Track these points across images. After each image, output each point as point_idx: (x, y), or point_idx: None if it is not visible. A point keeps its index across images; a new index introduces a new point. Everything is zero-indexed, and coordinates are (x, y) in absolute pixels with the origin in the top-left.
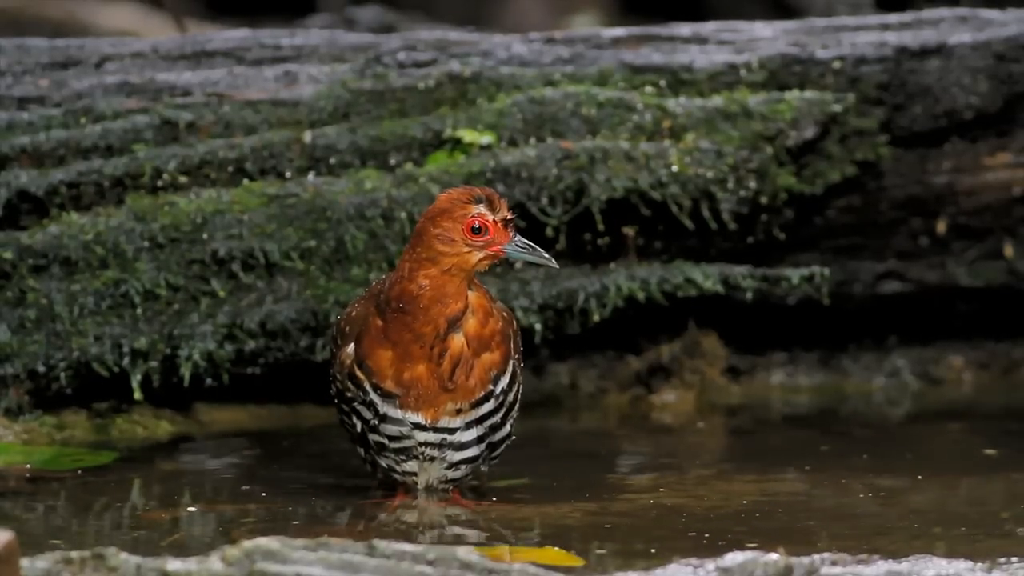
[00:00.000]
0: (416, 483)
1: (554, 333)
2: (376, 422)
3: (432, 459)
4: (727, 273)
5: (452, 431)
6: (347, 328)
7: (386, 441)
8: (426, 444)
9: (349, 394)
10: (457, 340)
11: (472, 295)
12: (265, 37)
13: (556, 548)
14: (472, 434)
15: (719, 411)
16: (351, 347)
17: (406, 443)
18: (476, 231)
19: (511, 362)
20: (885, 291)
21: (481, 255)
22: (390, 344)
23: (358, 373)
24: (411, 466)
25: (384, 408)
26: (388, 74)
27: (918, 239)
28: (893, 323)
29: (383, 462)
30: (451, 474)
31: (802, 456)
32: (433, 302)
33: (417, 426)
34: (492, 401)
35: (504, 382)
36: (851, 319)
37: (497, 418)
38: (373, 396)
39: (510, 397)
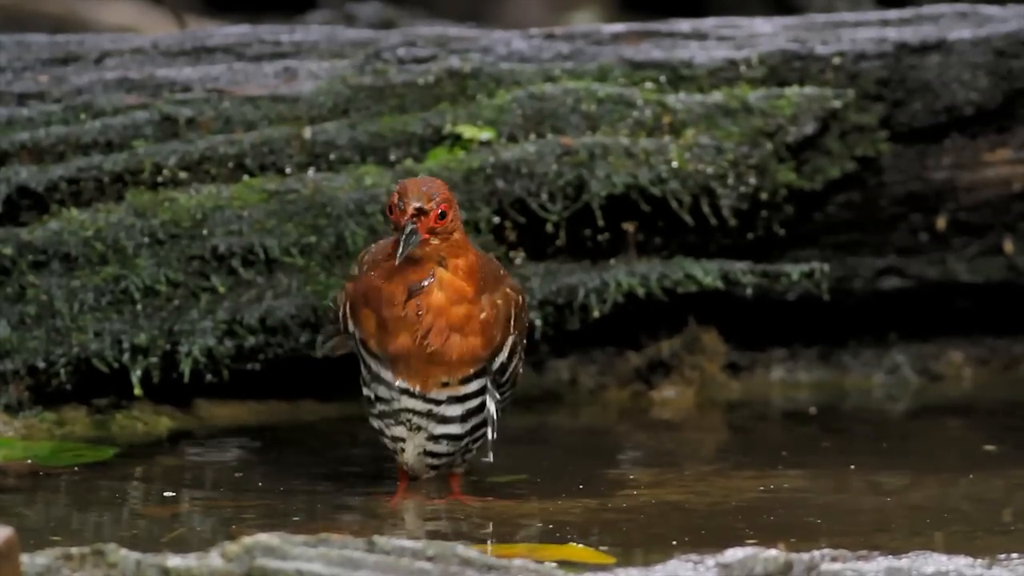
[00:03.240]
0: (403, 450)
1: (554, 329)
2: (369, 380)
3: (419, 428)
4: (727, 269)
5: (439, 403)
6: (364, 262)
7: (372, 398)
8: (412, 412)
9: (349, 333)
10: (419, 305)
11: (442, 272)
12: (265, 33)
13: (581, 545)
14: (457, 410)
15: (719, 407)
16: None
17: (394, 406)
18: (388, 214)
19: (510, 338)
20: (885, 287)
21: (393, 238)
22: (371, 309)
23: (350, 322)
24: (400, 431)
25: (376, 367)
26: (388, 70)
27: (918, 235)
28: (893, 319)
29: (375, 423)
30: (431, 446)
31: (802, 452)
32: (399, 268)
33: (406, 392)
34: (481, 378)
35: (503, 357)
36: (851, 315)
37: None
38: (364, 353)
39: (511, 368)
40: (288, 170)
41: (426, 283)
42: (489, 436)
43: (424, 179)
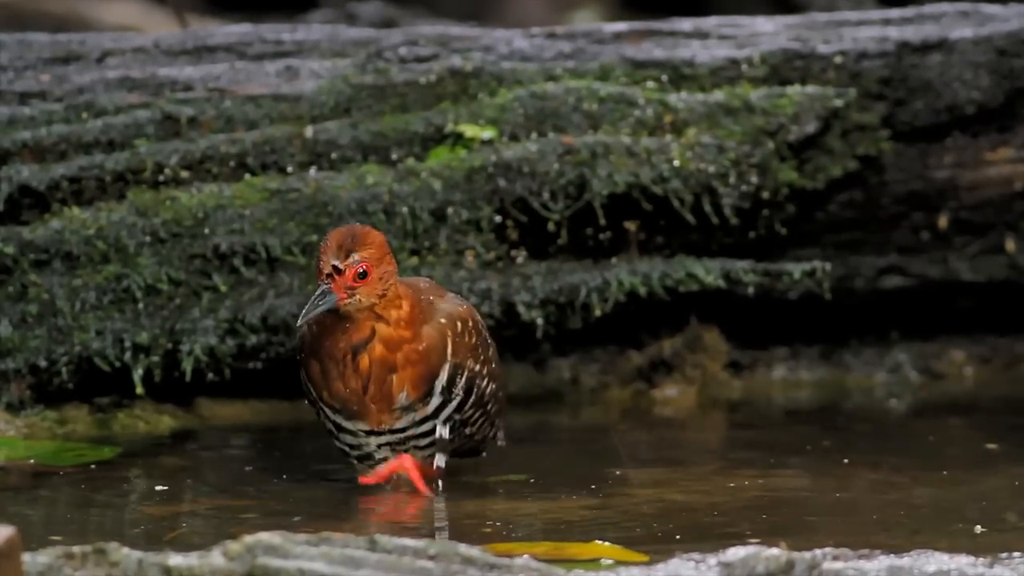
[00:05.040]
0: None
1: (556, 328)
2: (335, 431)
3: (406, 448)
4: (729, 268)
5: (405, 429)
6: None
7: (348, 449)
8: (389, 444)
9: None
10: (363, 360)
11: (381, 328)
12: (267, 32)
13: (607, 543)
14: (427, 426)
15: (721, 406)
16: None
17: (365, 449)
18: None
19: (446, 365)
20: (887, 286)
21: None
22: (316, 358)
23: (305, 380)
24: (386, 453)
25: (335, 418)
26: (389, 69)
27: (920, 234)
28: (895, 318)
29: (362, 465)
30: (424, 453)
31: (803, 451)
32: (337, 329)
33: (370, 432)
34: (437, 398)
35: (442, 380)
36: (853, 314)
37: (449, 412)
38: (322, 406)
39: (456, 393)
40: (290, 169)
41: (366, 342)
42: (437, 462)
43: (351, 230)
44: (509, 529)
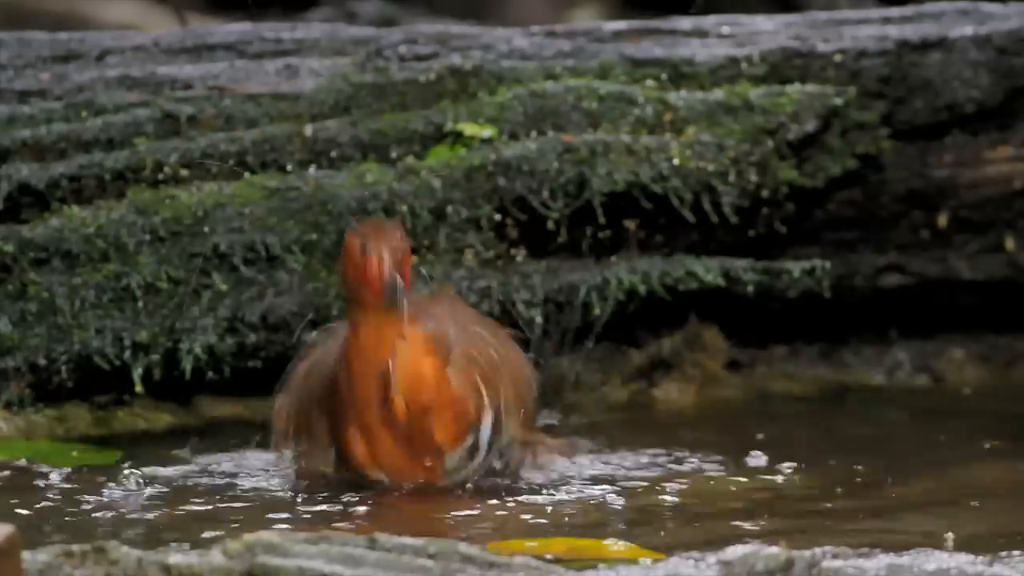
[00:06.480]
0: None
1: (555, 326)
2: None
3: None
4: (728, 266)
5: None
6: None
7: None
8: None
9: None
10: (398, 402)
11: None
12: (266, 31)
13: (622, 542)
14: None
15: (720, 404)
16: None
17: None
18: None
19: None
20: (886, 284)
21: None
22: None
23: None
24: None
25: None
26: (389, 68)
27: (919, 232)
28: (894, 316)
29: None
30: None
31: (802, 449)
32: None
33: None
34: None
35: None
36: (852, 312)
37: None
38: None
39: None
40: (289, 168)
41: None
42: None
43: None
44: (508, 528)
